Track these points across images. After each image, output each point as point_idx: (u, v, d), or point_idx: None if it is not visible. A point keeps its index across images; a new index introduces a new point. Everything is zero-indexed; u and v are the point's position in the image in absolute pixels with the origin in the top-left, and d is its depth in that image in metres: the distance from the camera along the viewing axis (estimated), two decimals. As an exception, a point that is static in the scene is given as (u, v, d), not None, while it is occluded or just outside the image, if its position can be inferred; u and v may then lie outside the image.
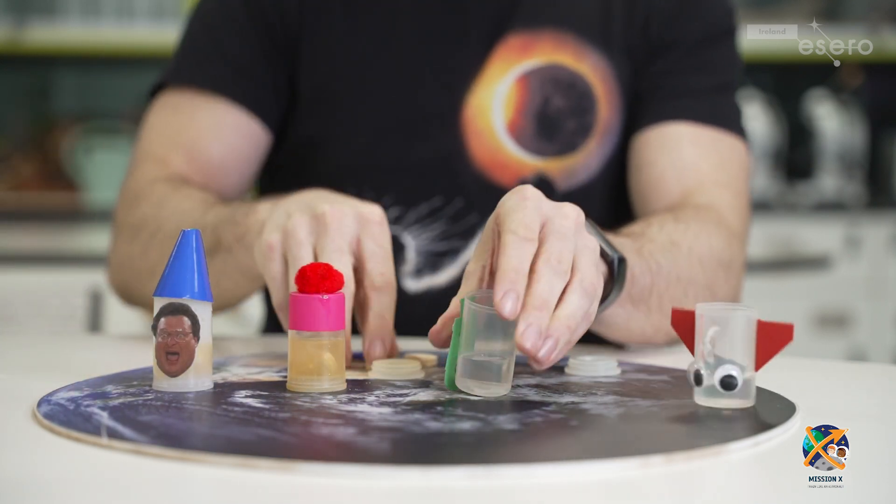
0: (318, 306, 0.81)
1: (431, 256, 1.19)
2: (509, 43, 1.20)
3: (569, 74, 1.20)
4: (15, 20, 3.15)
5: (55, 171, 3.20)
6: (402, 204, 1.19)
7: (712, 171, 1.16)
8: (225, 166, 1.21)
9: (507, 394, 0.80)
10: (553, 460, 0.64)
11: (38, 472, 0.64)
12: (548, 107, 1.20)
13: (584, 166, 1.20)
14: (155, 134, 1.22)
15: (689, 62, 1.21)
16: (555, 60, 1.20)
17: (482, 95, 1.20)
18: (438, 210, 1.17)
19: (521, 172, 1.19)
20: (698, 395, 0.78)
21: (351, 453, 0.66)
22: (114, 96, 3.34)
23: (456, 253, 1.18)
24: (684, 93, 1.19)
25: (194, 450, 0.65)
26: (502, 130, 1.19)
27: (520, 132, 1.20)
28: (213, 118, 1.21)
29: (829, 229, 3.07)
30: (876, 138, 3.45)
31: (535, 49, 1.20)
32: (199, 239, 0.82)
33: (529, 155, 1.19)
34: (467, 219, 1.19)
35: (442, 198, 1.19)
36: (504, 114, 1.20)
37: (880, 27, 3.34)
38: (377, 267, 0.92)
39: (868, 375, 1.06)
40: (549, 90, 1.20)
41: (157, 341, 0.81)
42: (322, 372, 0.81)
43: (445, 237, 1.19)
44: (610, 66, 1.21)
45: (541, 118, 1.20)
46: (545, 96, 1.20)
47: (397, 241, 1.18)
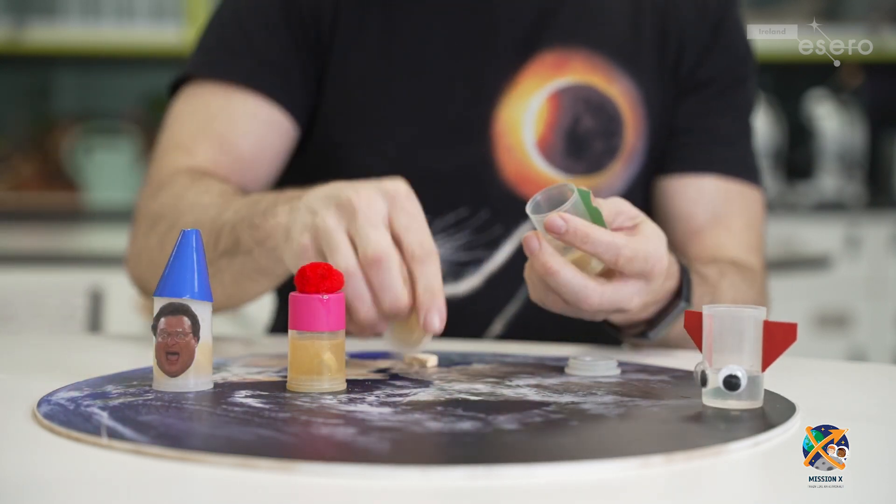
0: (318, 306, 0.81)
1: (454, 266, 1.19)
2: (543, 59, 1.20)
3: (599, 96, 1.21)
4: (15, 20, 3.15)
5: (55, 171, 3.20)
6: (428, 213, 1.18)
7: (743, 231, 1.21)
8: (254, 160, 1.20)
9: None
10: (553, 460, 0.64)
11: (38, 472, 0.64)
12: (578, 126, 1.20)
13: (609, 187, 1.21)
14: (182, 123, 1.21)
15: (720, 105, 1.24)
16: (587, 81, 1.21)
17: (514, 109, 1.20)
18: (464, 220, 1.18)
19: None
20: (706, 395, 0.78)
21: (351, 453, 0.66)
22: (114, 96, 3.34)
23: (479, 263, 1.18)
24: (717, 140, 1.23)
25: (194, 450, 0.65)
26: (531, 146, 1.20)
27: (549, 149, 1.20)
28: (245, 111, 1.20)
29: (829, 229, 3.07)
30: (876, 138, 3.45)
31: (568, 68, 1.20)
32: (200, 239, 0.82)
33: (557, 172, 1.20)
34: (492, 230, 1.19)
35: (468, 208, 1.19)
36: (535, 129, 1.20)
37: (880, 27, 3.34)
38: (415, 238, 0.91)
39: (868, 375, 1.06)
40: (580, 110, 1.20)
41: (157, 341, 0.81)
42: (322, 372, 0.81)
43: (469, 248, 1.19)
44: (639, 91, 1.21)
45: (570, 136, 1.20)
46: (576, 115, 1.20)
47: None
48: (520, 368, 0.92)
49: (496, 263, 1.18)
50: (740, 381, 0.76)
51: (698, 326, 0.78)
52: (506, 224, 1.19)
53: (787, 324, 0.77)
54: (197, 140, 1.19)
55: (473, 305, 1.04)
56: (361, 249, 0.89)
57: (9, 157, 3.23)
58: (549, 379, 0.87)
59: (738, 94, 1.25)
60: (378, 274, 0.89)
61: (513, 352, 1.01)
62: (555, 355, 0.99)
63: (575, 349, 1.06)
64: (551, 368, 0.92)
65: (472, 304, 0.91)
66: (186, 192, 1.13)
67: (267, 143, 1.20)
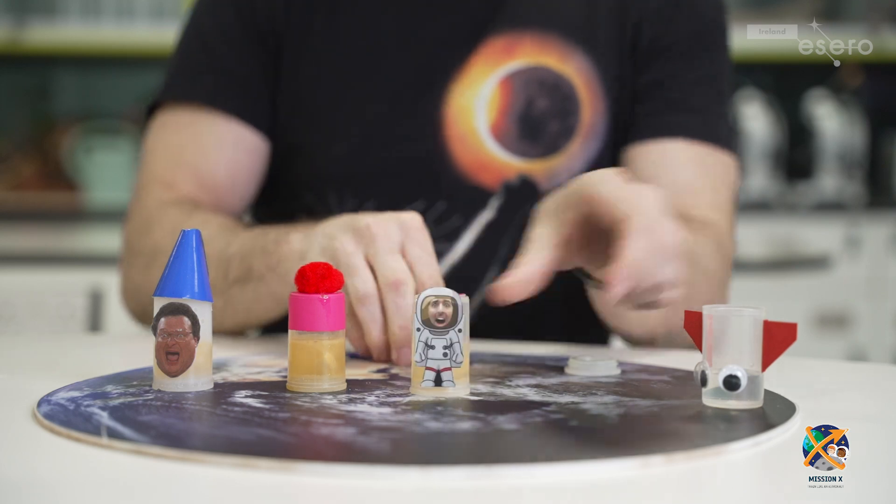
0: (318, 306, 0.81)
1: None
2: (492, 44, 1.19)
3: (553, 76, 1.19)
4: (15, 20, 3.15)
5: (55, 171, 3.20)
6: (384, 208, 1.18)
7: (708, 193, 1.17)
8: (232, 185, 1.21)
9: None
10: (553, 460, 0.64)
11: (38, 472, 0.64)
12: (531, 108, 1.19)
13: (567, 168, 1.19)
14: (158, 156, 1.22)
15: (683, 70, 1.20)
16: (539, 62, 1.19)
17: (464, 97, 1.19)
18: (421, 213, 1.18)
19: (504, 174, 1.18)
20: (706, 396, 0.78)
21: (351, 453, 0.66)
22: (114, 96, 3.34)
23: (440, 256, 1.17)
24: (681, 107, 1.19)
25: (194, 450, 0.65)
26: (485, 132, 1.19)
27: (503, 134, 1.19)
28: (214, 135, 1.20)
29: (829, 229, 3.07)
30: (876, 138, 3.45)
31: (519, 50, 1.19)
32: (199, 239, 0.82)
33: (512, 157, 1.19)
34: (450, 221, 1.18)
35: (424, 201, 1.18)
36: (487, 116, 1.19)
37: (880, 27, 3.34)
38: (426, 270, 0.93)
39: (868, 375, 1.06)
40: (533, 92, 1.19)
41: (157, 341, 0.81)
42: (322, 372, 0.81)
43: None
44: (595, 67, 1.20)
45: (524, 120, 1.19)
46: (529, 98, 1.19)
47: None
48: (520, 368, 0.92)
49: (458, 254, 1.18)
50: (740, 381, 0.76)
51: (698, 326, 0.79)
52: (464, 214, 1.18)
53: (787, 324, 0.77)
54: (175, 173, 1.20)
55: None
56: (381, 274, 0.92)
57: (9, 157, 3.23)
58: (549, 379, 0.87)
59: (705, 60, 1.21)
60: (395, 298, 0.91)
61: (513, 352, 1.01)
62: (555, 355, 0.99)
63: (575, 349, 1.06)
64: (551, 368, 0.92)
65: None
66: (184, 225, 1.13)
67: (241, 167, 1.21)
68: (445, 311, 0.80)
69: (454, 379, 0.81)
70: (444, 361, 0.81)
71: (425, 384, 0.81)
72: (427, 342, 0.81)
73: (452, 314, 0.81)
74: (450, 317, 0.81)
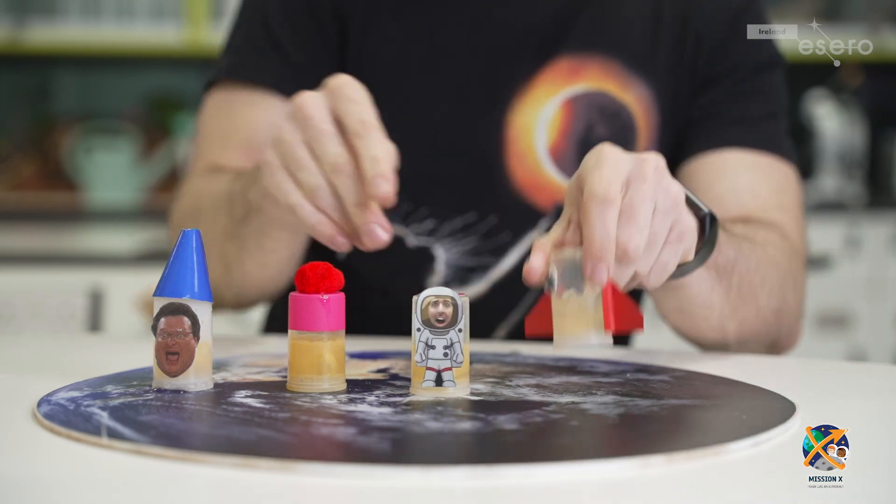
0: (318, 306, 0.81)
1: (461, 271, 1.18)
2: (558, 65, 1.18)
3: (614, 104, 1.19)
4: (15, 20, 3.15)
5: (55, 171, 3.20)
6: (436, 216, 1.18)
7: (771, 195, 1.16)
8: None
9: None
10: (553, 460, 0.64)
11: (38, 472, 0.64)
12: (591, 134, 1.18)
13: None
14: (210, 139, 1.21)
15: (740, 90, 1.20)
16: (601, 88, 1.18)
17: (527, 116, 1.18)
18: (472, 225, 1.16)
19: (557, 197, 1.17)
20: None
21: (351, 453, 0.66)
22: (114, 96, 3.34)
23: (485, 269, 1.17)
24: (738, 120, 1.18)
25: (194, 450, 0.65)
26: (544, 153, 1.18)
27: (561, 156, 1.18)
28: (268, 114, 1.18)
29: (829, 229, 3.07)
30: (876, 138, 3.45)
31: (583, 74, 1.18)
32: (199, 239, 0.82)
33: (567, 180, 1.17)
34: (499, 237, 1.18)
35: (476, 213, 1.17)
36: (547, 136, 1.18)
37: (880, 27, 3.34)
38: (355, 117, 0.87)
39: (868, 375, 1.06)
40: (594, 117, 1.18)
41: (157, 341, 0.81)
42: (322, 372, 0.81)
43: (476, 253, 1.18)
44: (654, 97, 1.19)
45: (583, 144, 1.17)
46: (589, 123, 1.18)
47: (428, 252, 1.18)
48: (520, 368, 0.92)
49: (502, 270, 1.18)
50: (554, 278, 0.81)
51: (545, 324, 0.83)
52: (514, 231, 1.17)
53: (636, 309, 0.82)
54: (224, 155, 1.19)
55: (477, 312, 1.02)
56: (322, 162, 0.87)
57: (9, 157, 3.23)
58: (549, 379, 0.87)
59: (760, 79, 1.21)
60: (341, 182, 0.86)
61: (513, 352, 1.01)
62: (555, 355, 0.99)
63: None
64: (551, 368, 0.92)
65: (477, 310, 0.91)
66: (203, 188, 1.15)
67: None
68: (445, 311, 0.81)
69: (455, 379, 0.81)
70: (445, 361, 0.81)
71: (426, 384, 0.81)
72: (427, 342, 0.81)
73: (452, 314, 0.81)
74: (450, 317, 0.81)
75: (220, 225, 1.09)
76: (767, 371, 0.95)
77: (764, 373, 0.93)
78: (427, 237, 1.18)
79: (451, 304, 0.81)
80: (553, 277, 0.81)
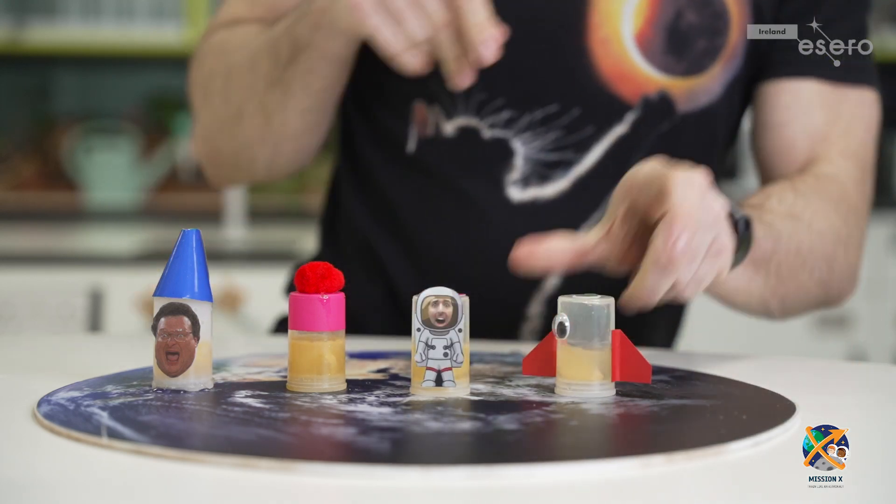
0: (318, 306, 0.81)
1: (540, 166, 1.11)
2: None
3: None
4: (15, 20, 3.15)
5: (55, 171, 3.20)
6: (514, 108, 1.10)
7: (840, 138, 1.13)
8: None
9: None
10: (553, 460, 0.64)
11: (38, 472, 0.64)
12: (680, 22, 1.11)
13: (706, 90, 1.12)
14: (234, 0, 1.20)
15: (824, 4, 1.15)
16: None
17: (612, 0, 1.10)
18: (553, 117, 1.09)
19: (644, 88, 1.11)
20: None
21: (351, 453, 0.66)
22: (114, 96, 3.34)
23: (568, 165, 1.10)
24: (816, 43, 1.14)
25: (194, 450, 0.65)
26: (630, 40, 1.10)
27: (648, 44, 1.10)
28: None
29: (829, 229, 3.07)
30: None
31: None
32: (199, 239, 0.82)
33: (656, 71, 1.10)
34: (583, 130, 1.11)
35: (558, 105, 1.10)
36: (633, 22, 1.10)
37: (880, 27, 3.34)
38: None
39: (868, 375, 1.06)
40: (684, 4, 1.11)
41: (157, 341, 0.81)
42: (322, 372, 0.81)
43: (557, 147, 1.11)
44: None
45: (672, 32, 1.10)
46: (679, 10, 1.10)
47: (506, 145, 1.11)
48: (520, 368, 0.92)
49: (585, 167, 1.11)
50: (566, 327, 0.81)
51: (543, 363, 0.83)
52: (598, 124, 1.11)
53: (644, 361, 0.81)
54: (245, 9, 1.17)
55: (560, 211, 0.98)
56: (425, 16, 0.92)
57: (9, 157, 3.23)
58: (549, 379, 0.87)
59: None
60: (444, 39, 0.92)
61: (513, 352, 1.01)
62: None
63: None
64: (551, 368, 0.92)
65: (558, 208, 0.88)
66: (227, 42, 1.13)
67: None
68: (445, 311, 0.81)
69: (455, 379, 0.81)
70: (445, 361, 0.81)
71: (426, 384, 0.81)
72: (427, 342, 0.81)
73: (452, 314, 0.81)
74: (450, 317, 0.81)
75: (262, 73, 1.08)
76: (767, 371, 0.95)
77: (764, 373, 0.93)
78: (504, 129, 1.11)
79: (451, 304, 0.81)
80: (566, 325, 0.81)
